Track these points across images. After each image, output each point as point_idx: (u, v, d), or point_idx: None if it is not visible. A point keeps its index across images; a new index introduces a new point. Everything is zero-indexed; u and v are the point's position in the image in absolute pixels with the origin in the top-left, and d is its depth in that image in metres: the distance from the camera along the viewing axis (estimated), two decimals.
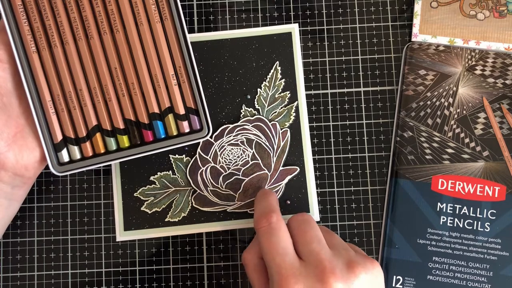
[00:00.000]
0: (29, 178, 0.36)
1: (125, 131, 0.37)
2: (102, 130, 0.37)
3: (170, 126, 0.37)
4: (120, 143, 0.37)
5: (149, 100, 0.37)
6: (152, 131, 0.37)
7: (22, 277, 0.40)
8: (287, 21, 0.43)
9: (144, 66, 0.37)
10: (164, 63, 0.37)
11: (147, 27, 0.36)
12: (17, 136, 0.35)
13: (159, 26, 0.36)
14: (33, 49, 0.36)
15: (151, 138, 0.37)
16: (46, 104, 0.36)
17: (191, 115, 0.37)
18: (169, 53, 0.37)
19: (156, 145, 0.37)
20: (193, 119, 0.37)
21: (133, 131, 0.37)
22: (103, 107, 0.37)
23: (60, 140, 0.37)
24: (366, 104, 0.42)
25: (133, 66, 0.37)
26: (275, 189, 0.41)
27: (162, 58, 0.37)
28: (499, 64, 0.41)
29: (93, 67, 0.37)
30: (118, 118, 0.37)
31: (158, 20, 0.36)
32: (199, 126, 0.37)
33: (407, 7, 0.43)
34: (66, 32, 0.36)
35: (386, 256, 0.40)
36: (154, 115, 0.37)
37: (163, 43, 0.37)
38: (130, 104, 0.37)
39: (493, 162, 0.40)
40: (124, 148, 0.37)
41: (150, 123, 0.37)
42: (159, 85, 0.37)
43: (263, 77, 0.42)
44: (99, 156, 0.37)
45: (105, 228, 0.41)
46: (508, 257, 0.39)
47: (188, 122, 0.37)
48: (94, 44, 0.36)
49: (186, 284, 0.40)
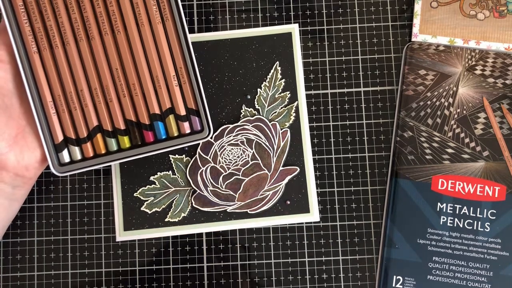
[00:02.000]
0: (30, 178, 0.36)
1: (126, 131, 0.37)
2: (103, 131, 0.37)
3: (171, 126, 0.37)
4: (121, 144, 0.37)
5: (150, 100, 0.37)
6: (153, 132, 0.37)
7: (22, 277, 0.40)
8: (287, 21, 0.43)
9: (145, 66, 0.37)
10: (165, 63, 0.37)
11: (148, 27, 0.36)
12: (18, 137, 0.35)
13: (160, 27, 0.36)
14: (34, 50, 0.36)
15: (152, 139, 0.37)
16: (47, 104, 0.36)
17: (192, 116, 0.37)
18: (170, 54, 0.37)
19: (156, 145, 0.37)
20: (194, 120, 0.37)
21: (134, 131, 0.37)
22: (104, 108, 0.37)
23: (61, 140, 0.37)
24: (366, 104, 0.42)
25: (134, 67, 0.37)
26: (275, 189, 0.41)
27: (163, 59, 0.37)
28: (499, 64, 0.41)
29: (94, 67, 0.37)
30: (119, 118, 0.37)
31: (159, 20, 0.36)
32: (200, 127, 0.37)
33: (407, 7, 0.43)
34: (67, 32, 0.36)
35: (386, 256, 0.40)
36: (155, 115, 0.37)
37: (164, 44, 0.37)
38: (131, 105, 0.37)
39: (493, 162, 0.40)
40: (125, 148, 0.37)
41: (151, 123, 0.37)
42: (160, 86, 0.37)
43: (263, 77, 0.42)
44: (100, 156, 0.37)
45: (105, 228, 0.41)
46: (508, 257, 0.39)
47: (189, 123, 0.37)
48: (95, 44, 0.36)
49: (186, 284, 0.40)
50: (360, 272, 0.40)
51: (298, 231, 0.41)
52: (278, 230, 0.41)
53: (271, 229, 0.41)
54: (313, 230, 0.41)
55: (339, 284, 0.40)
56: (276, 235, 0.41)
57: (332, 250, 0.41)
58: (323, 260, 0.41)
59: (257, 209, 0.40)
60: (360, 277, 0.40)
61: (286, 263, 0.41)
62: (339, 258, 0.41)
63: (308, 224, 0.41)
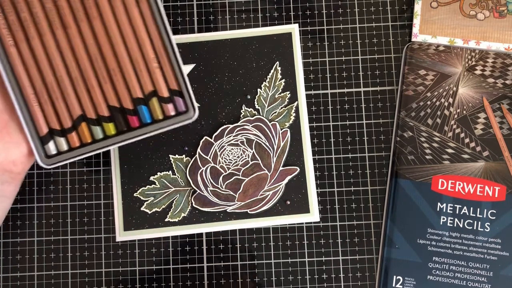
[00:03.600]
0: (18, 173, 0.36)
1: (110, 118, 0.37)
2: (87, 119, 0.37)
3: (155, 109, 0.36)
4: (107, 131, 0.37)
5: (131, 85, 0.36)
6: (138, 116, 0.37)
7: (22, 277, 0.40)
8: (287, 21, 0.43)
9: (124, 51, 0.36)
10: (144, 46, 0.36)
11: (123, 11, 0.36)
12: (3, 132, 0.35)
13: (136, 10, 0.36)
14: (11, 43, 0.35)
15: (137, 124, 0.37)
16: (29, 97, 0.36)
17: (175, 97, 0.36)
18: (148, 36, 0.36)
19: (142, 130, 0.36)
20: (177, 101, 0.36)
21: (119, 117, 0.37)
22: (86, 96, 0.36)
23: (46, 132, 0.36)
24: (366, 104, 0.42)
25: (113, 52, 0.36)
26: (275, 189, 0.41)
27: (141, 42, 0.36)
28: (499, 64, 0.41)
29: (72, 56, 0.36)
30: (102, 105, 0.36)
31: (134, 4, 0.36)
32: (184, 108, 0.37)
33: (407, 7, 0.43)
34: (42, 23, 0.35)
35: (386, 256, 0.40)
36: (138, 100, 0.36)
37: (141, 27, 0.36)
38: (113, 91, 0.37)
39: (493, 162, 0.40)
40: (111, 135, 0.37)
41: (134, 108, 0.37)
42: (140, 69, 0.36)
43: (263, 77, 0.42)
44: (86, 145, 0.37)
45: (105, 228, 0.41)
46: (508, 257, 0.39)
47: (173, 105, 0.37)
48: (71, 33, 0.36)
49: (186, 284, 0.40)
50: (360, 272, 0.40)
51: (298, 231, 0.41)
52: (278, 230, 0.41)
53: (271, 229, 0.41)
54: (313, 230, 0.41)
55: (339, 284, 0.40)
56: (276, 235, 0.41)
57: (332, 250, 0.41)
58: (323, 260, 0.41)
59: (257, 209, 0.40)
60: (360, 277, 0.40)
61: (286, 263, 0.41)
62: (339, 258, 0.41)
63: (308, 224, 0.41)
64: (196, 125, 0.42)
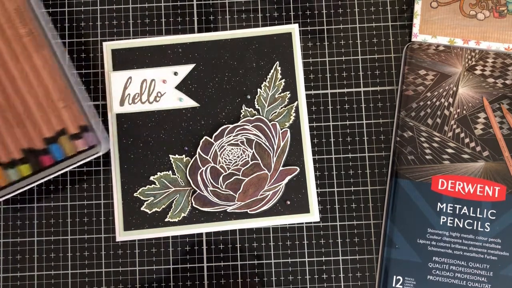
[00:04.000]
0: None
1: (23, 160, 0.38)
2: (0, 164, 0.38)
3: (65, 147, 0.38)
4: (22, 172, 0.38)
5: (40, 126, 0.38)
6: (50, 155, 0.38)
7: (22, 277, 0.40)
8: (287, 21, 0.43)
9: (29, 95, 0.37)
10: (48, 89, 0.38)
11: (24, 59, 0.37)
12: None
13: (36, 56, 0.37)
14: None
15: (49, 163, 0.38)
16: None
17: (85, 133, 0.38)
18: (52, 79, 0.38)
19: (56, 167, 0.38)
20: (87, 136, 0.38)
21: (31, 158, 0.38)
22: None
23: None
24: (366, 104, 0.42)
25: (19, 97, 0.37)
26: (275, 189, 0.41)
27: (45, 85, 0.38)
28: (499, 64, 0.41)
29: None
30: (13, 149, 0.38)
31: (35, 50, 0.37)
32: (95, 142, 0.38)
33: (407, 7, 0.43)
34: None
35: (386, 256, 0.40)
36: (48, 139, 0.38)
37: (44, 74, 0.38)
38: (23, 134, 0.38)
39: (493, 162, 0.40)
40: (28, 175, 0.38)
41: (46, 148, 0.38)
42: (47, 111, 0.38)
43: (263, 77, 0.42)
44: (2, 189, 0.38)
45: (105, 228, 0.41)
46: (508, 257, 0.39)
47: (85, 140, 0.38)
48: None
49: (186, 284, 0.40)
50: (360, 272, 0.40)
51: (298, 231, 0.41)
52: (278, 230, 0.41)
53: (271, 229, 0.41)
54: (313, 230, 0.41)
55: (339, 284, 0.40)
56: (276, 235, 0.41)
57: (332, 250, 0.41)
58: (323, 260, 0.41)
59: (257, 209, 0.40)
60: (360, 277, 0.40)
61: (286, 263, 0.41)
62: (339, 258, 0.41)
63: (308, 224, 0.41)
64: (196, 125, 0.42)
